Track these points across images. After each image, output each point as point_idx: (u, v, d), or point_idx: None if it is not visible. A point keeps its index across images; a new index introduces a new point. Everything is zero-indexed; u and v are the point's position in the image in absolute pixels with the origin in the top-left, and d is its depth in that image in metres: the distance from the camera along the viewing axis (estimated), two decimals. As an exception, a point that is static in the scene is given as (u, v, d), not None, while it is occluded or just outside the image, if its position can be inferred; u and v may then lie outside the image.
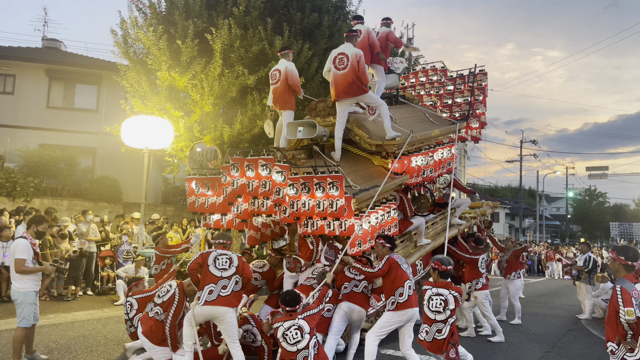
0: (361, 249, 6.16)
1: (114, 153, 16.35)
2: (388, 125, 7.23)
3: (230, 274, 5.23)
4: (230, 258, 5.32)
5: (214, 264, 5.24)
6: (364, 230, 6.22)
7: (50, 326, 7.55)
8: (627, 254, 4.28)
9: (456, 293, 5.06)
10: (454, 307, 5.01)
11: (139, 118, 11.04)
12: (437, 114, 9.55)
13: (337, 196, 5.63)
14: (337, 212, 5.64)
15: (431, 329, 5.02)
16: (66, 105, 18.69)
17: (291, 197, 5.91)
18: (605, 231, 54.44)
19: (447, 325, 4.97)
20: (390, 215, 6.84)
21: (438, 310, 4.98)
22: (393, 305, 5.36)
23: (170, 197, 21.70)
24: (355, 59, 7.02)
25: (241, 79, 11.94)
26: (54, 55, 19.72)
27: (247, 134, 12.35)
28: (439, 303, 5.00)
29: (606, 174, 34.35)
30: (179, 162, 13.91)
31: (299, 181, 5.86)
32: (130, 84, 12.86)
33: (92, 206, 15.63)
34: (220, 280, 5.17)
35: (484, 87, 10.33)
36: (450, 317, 4.98)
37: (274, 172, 6.06)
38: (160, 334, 5.31)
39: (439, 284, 5.14)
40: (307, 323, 4.76)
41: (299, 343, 4.66)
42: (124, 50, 12.93)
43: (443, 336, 4.95)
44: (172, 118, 12.03)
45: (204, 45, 12.08)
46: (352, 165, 7.26)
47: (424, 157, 7.82)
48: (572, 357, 7.12)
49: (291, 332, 4.68)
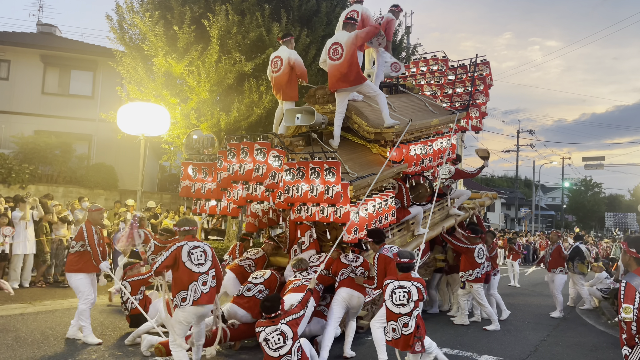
0: (357, 236, 6.16)
1: (109, 140, 16.25)
2: (386, 114, 7.18)
3: (207, 268, 4.95)
4: (204, 250, 5.00)
5: (189, 259, 4.87)
6: (361, 217, 6.22)
7: (47, 313, 7.54)
8: (639, 246, 3.89)
9: (418, 284, 4.93)
10: (418, 299, 4.88)
11: (135, 104, 10.95)
12: (436, 104, 9.48)
13: (334, 182, 5.62)
14: (333, 198, 5.62)
15: (397, 325, 4.86)
16: (61, 92, 18.53)
17: (286, 183, 5.89)
18: (600, 221, 54.74)
19: (412, 318, 4.83)
20: (387, 203, 6.83)
21: (402, 303, 4.85)
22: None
23: (167, 184, 21.64)
24: (350, 45, 6.87)
25: (238, 66, 11.85)
26: (49, 40, 19.50)
27: (244, 121, 12.29)
28: (402, 296, 4.86)
29: (602, 164, 34.45)
30: (176, 150, 13.86)
31: (295, 166, 5.84)
32: (126, 70, 12.75)
33: (88, 193, 15.59)
34: (199, 276, 4.87)
35: (485, 76, 10.19)
36: (415, 309, 4.85)
37: (271, 157, 6.06)
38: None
39: (401, 277, 4.99)
40: (290, 328, 4.68)
41: (282, 349, 4.59)
42: (120, 35, 12.81)
43: (410, 330, 4.81)
44: (168, 105, 11.94)
45: (200, 32, 11.98)
46: (349, 153, 7.24)
47: (423, 146, 7.79)
48: (567, 345, 7.17)
49: (273, 338, 4.61)
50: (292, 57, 7.30)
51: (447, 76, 10.47)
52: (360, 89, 7.24)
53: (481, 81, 10.17)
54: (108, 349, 5.83)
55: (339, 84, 7.04)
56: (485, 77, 10.20)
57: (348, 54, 6.86)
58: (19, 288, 9.14)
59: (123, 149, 16.72)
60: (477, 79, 10.07)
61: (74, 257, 6.16)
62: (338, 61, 6.95)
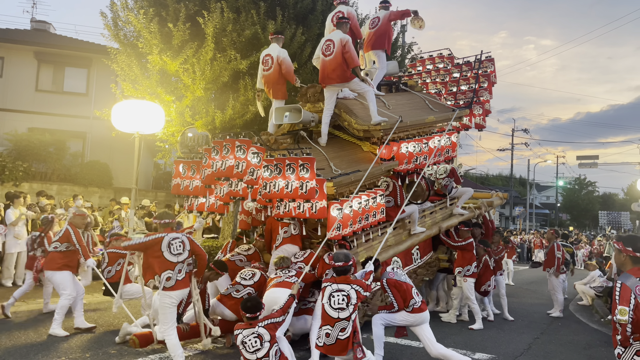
0: (340, 233, 6.20)
1: (104, 137, 16.17)
2: (374, 111, 7.19)
3: (185, 257, 5.23)
4: (183, 241, 5.26)
5: (168, 249, 5.12)
6: (345, 214, 6.24)
7: (40, 311, 7.52)
8: (635, 245, 3.82)
9: (358, 287, 4.77)
10: (357, 302, 4.73)
11: (130, 102, 10.89)
12: (437, 102, 9.35)
13: (308, 178, 5.72)
14: (307, 193, 5.72)
15: (334, 330, 4.64)
16: (55, 89, 18.43)
17: (264, 179, 6.01)
18: (593, 220, 55.01)
19: (350, 323, 4.64)
20: (376, 201, 6.83)
21: (341, 307, 4.66)
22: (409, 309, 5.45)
23: (162, 182, 21.57)
24: (341, 45, 6.99)
25: (233, 64, 11.81)
26: (43, 37, 19.39)
27: (239, 119, 12.25)
28: (341, 299, 4.68)
29: (596, 163, 34.54)
30: (171, 147, 13.82)
31: (273, 163, 5.96)
32: (120, 68, 12.69)
33: (82, 191, 15.51)
34: (176, 265, 5.13)
35: (490, 73, 10.04)
36: (353, 312, 4.68)
37: (250, 154, 6.18)
38: None
39: (339, 280, 4.82)
40: (268, 331, 4.65)
41: (259, 352, 4.57)
42: (114, 33, 12.73)
43: (346, 335, 4.62)
44: (163, 102, 11.90)
45: (195, 29, 11.93)
46: (338, 151, 7.26)
47: (416, 144, 7.75)
48: (561, 343, 7.21)
49: (250, 341, 4.60)
50: (281, 56, 7.46)
51: (452, 74, 10.32)
52: (349, 86, 7.27)
53: (485, 78, 10.04)
54: (102, 347, 5.82)
55: (327, 79, 7.15)
56: (489, 74, 10.08)
57: (339, 52, 6.99)
58: (12, 286, 9.10)
59: (117, 147, 16.66)
60: (481, 76, 9.93)
61: (57, 255, 6.48)
62: (329, 57, 7.08)
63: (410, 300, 5.39)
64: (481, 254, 8.31)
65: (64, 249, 6.51)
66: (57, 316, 6.27)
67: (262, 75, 7.78)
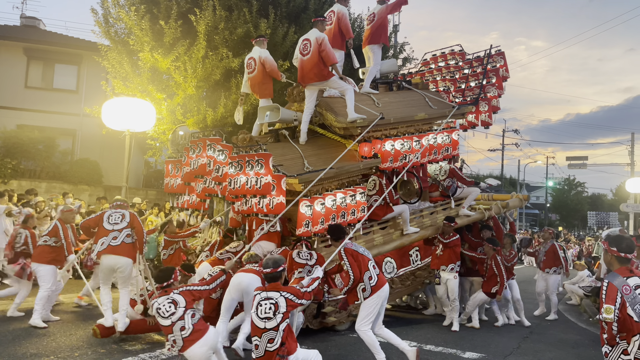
0: (309, 230, 6.22)
1: (94, 135, 16.07)
2: (351, 108, 7.15)
3: (122, 227, 5.95)
4: (123, 214, 6.05)
5: (107, 220, 6.01)
6: (315, 211, 6.28)
7: (28, 309, 7.43)
8: (620, 245, 3.85)
9: (288, 294, 4.40)
10: (286, 311, 4.35)
11: (121, 99, 10.82)
12: (439, 99, 9.00)
13: (263, 173, 5.83)
14: (261, 189, 5.84)
15: (262, 341, 4.29)
16: (45, 86, 18.26)
17: (229, 175, 6.15)
18: (583, 220, 55.47)
19: (279, 333, 4.28)
20: (355, 199, 6.80)
21: (268, 316, 4.29)
22: (367, 292, 5.33)
23: (152, 180, 21.46)
24: (317, 43, 7.01)
25: (225, 62, 11.78)
26: (33, 33, 19.19)
27: (231, 117, 12.20)
28: (268, 308, 4.31)
29: (585, 164, 34.73)
30: (161, 146, 13.75)
31: (236, 160, 6.11)
32: (111, 65, 12.61)
33: (71, 189, 15.38)
34: (111, 232, 5.90)
35: (499, 68, 9.66)
36: (282, 322, 4.31)
37: (216, 151, 6.36)
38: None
39: (268, 287, 4.50)
40: (183, 297, 4.66)
41: (173, 315, 4.55)
42: (105, 29, 12.66)
43: (275, 346, 4.25)
44: (154, 100, 11.84)
45: (187, 27, 11.88)
46: (318, 149, 7.25)
47: (405, 142, 7.56)
48: (549, 342, 7.26)
49: (164, 306, 4.59)
50: (262, 55, 7.53)
51: (463, 70, 9.94)
52: (327, 84, 7.27)
53: (493, 73, 9.65)
54: (91, 346, 5.77)
55: (306, 78, 7.17)
56: (498, 69, 9.67)
57: (315, 51, 7.01)
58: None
59: (108, 145, 16.55)
60: (489, 71, 9.55)
61: (46, 249, 6.73)
62: (307, 56, 7.12)
63: (366, 272, 5.33)
64: (490, 253, 7.89)
65: (52, 244, 6.73)
66: (36, 307, 6.49)
67: (247, 79, 7.89)
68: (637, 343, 3.59)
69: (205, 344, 4.51)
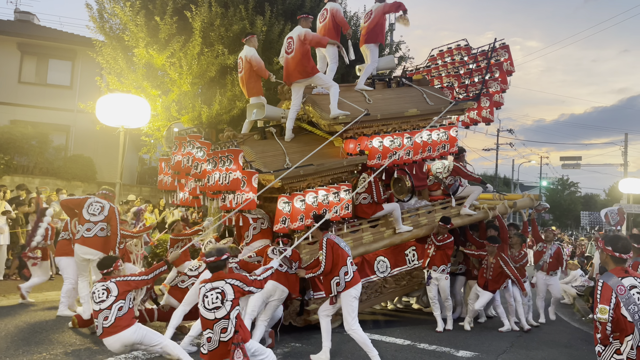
0: (286, 227, 6.25)
1: (88, 131, 15.97)
2: (334, 105, 7.11)
3: (98, 219, 6.11)
4: (103, 206, 6.17)
5: (87, 208, 6.16)
6: (295, 208, 6.30)
7: (21, 306, 7.40)
8: (615, 245, 3.85)
9: (233, 281, 4.31)
10: (234, 298, 4.26)
11: (115, 96, 10.76)
12: (438, 95, 8.72)
13: (232, 169, 5.90)
14: (230, 185, 5.89)
15: (214, 332, 4.20)
16: (39, 81, 18.16)
17: (206, 172, 6.26)
18: (575, 220, 55.79)
19: (231, 321, 4.19)
20: (338, 196, 6.76)
21: (216, 305, 4.20)
22: (340, 287, 5.43)
23: (146, 177, 21.39)
24: (299, 40, 6.99)
25: (221, 59, 11.73)
26: (27, 28, 19.07)
27: (226, 115, 12.18)
28: (215, 298, 4.22)
29: (579, 164, 34.95)
30: (156, 142, 13.68)
31: (211, 156, 6.21)
32: (106, 61, 12.54)
33: (65, 185, 15.32)
34: (86, 223, 6.09)
35: (503, 62, 9.29)
36: (233, 309, 4.23)
37: (194, 148, 6.45)
38: None
39: (212, 278, 4.41)
40: (117, 286, 4.90)
41: (102, 303, 4.82)
42: (100, 25, 12.57)
43: (229, 335, 4.17)
44: (149, 97, 11.78)
45: (183, 23, 11.82)
46: (303, 146, 7.20)
47: (394, 138, 7.42)
48: (542, 341, 7.29)
49: (98, 292, 4.88)
50: (249, 55, 7.52)
51: (468, 65, 9.60)
52: (312, 81, 7.24)
53: (497, 67, 9.29)
54: (84, 343, 5.75)
55: (291, 76, 7.15)
56: (502, 62, 9.31)
57: (299, 47, 7.00)
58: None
59: (102, 141, 16.46)
60: (492, 65, 9.26)
61: (63, 243, 7.09)
62: (291, 54, 7.11)
63: (342, 267, 5.41)
64: (493, 252, 7.71)
65: (67, 237, 7.11)
66: (62, 299, 6.90)
67: (239, 78, 7.91)
68: (630, 343, 3.61)
69: (118, 340, 4.82)
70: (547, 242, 8.98)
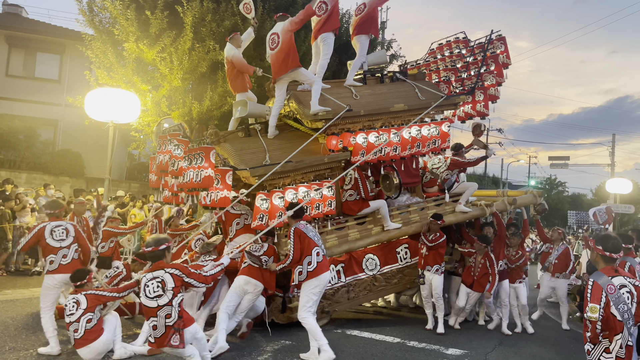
0: (263, 224, 6.27)
1: (76, 126, 15.81)
2: (315, 101, 7.06)
3: (69, 243, 5.70)
4: (66, 228, 5.76)
5: (51, 236, 5.63)
6: (273, 205, 6.31)
7: (7, 302, 7.32)
8: (605, 244, 3.87)
9: (173, 270, 4.44)
10: (175, 286, 4.38)
11: (104, 90, 10.63)
12: (431, 90, 8.45)
13: (203, 167, 5.95)
14: (201, 182, 5.96)
15: (159, 319, 4.33)
16: (26, 74, 17.95)
17: (183, 170, 6.30)
18: (563, 219, 56.32)
19: (174, 308, 4.33)
20: (321, 193, 6.72)
21: (158, 294, 4.34)
22: (302, 276, 5.44)
23: (135, 173, 21.24)
24: (284, 32, 6.96)
25: (212, 54, 11.67)
26: (15, 21, 18.83)
27: (217, 110, 12.12)
28: (156, 287, 4.36)
29: (567, 164, 35.19)
30: (145, 138, 13.58)
31: (187, 154, 6.25)
32: (95, 55, 12.41)
33: (52, 180, 15.15)
34: (59, 250, 5.61)
35: (498, 54, 9.03)
36: (175, 297, 4.36)
37: (172, 146, 6.50)
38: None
39: (152, 268, 4.53)
40: (87, 300, 4.98)
41: (72, 315, 4.95)
42: (89, 18, 12.44)
43: (174, 319, 4.33)
44: (139, 92, 11.68)
45: (174, 18, 11.73)
46: (286, 143, 7.16)
47: (380, 134, 7.27)
48: (531, 339, 7.34)
49: (70, 304, 5.00)
50: (230, 54, 7.54)
51: (465, 58, 9.34)
52: (296, 75, 7.17)
53: (492, 60, 9.03)
54: (71, 340, 5.68)
55: (279, 71, 7.11)
56: (498, 55, 9.07)
57: (284, 42, 6.97)
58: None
59: (90, 136, 16.30)
60: (488, 58, 8.98)
61: None
62: (275, 50, 7.07)
63: (307, 256, 5.43)
64: (481, 250, 7.48)
65: None
66: None
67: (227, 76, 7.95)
68: (619, 342, 3.63)
69: (90, 352, 4.96)
70: (554, 243, 8.58)
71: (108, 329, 5.13)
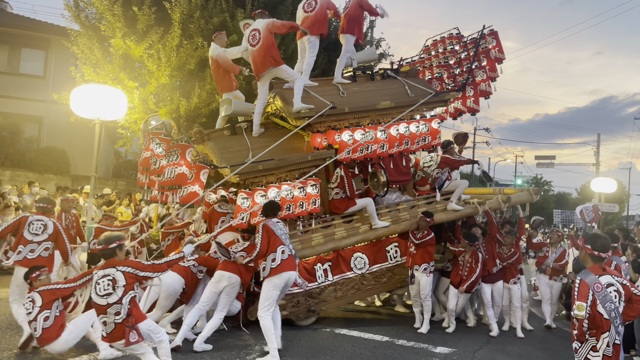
0: (244, 222, 6.31)
1: (62, 122, 15.58)
2: (297, 99, 7.02)
3: (41, 239, 5.76)
4: (46, 224, 5.80)
5: (28, 228, 5.74)
6: (255, 203, 6.34)
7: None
8: (594, 244, 3.89)
9: (125, 267, 4.40)
10: (127, 284, 4.35)
11: (90, 87, 10.50)
12: (421, 87, 8.30)
13: (177, 164, 6.09)
14: (175, 179, 6.10)
15: (109, 317, 4.34)
16: (10, 70, 17.66)
17: (164, 168, 6.38)
18: (548, 218, 56.93)
19: (123, 306, 4.32)
20: (304, 191, 6.72)
21: (108, 292, 4.31)
22: (265, 272, 5.47)
23: (122, 171, 21.04)
24: (267, 29, 6.94)
25: (200, 51, 11.59)
26: (-2, 15, 18.51)
27: (205, 108, 12.04)
28: (106, 284, 4.33)
29: (553, 163, 35.51)
30: (132, 135, 13.45)
31: (167, 152, 6.36)
32: (81, 51, 12.26)
33: (37, 177, 14.95)
34: (29, 244, 5.70)
35: (490, 49, 8.93)
36: (125, 295, 4.34)
37: (155, 144, 6.59)
38: None
39: (104, 265, 4.48)
40: (41, 297, 4.97)
41: (30, 315, 4.95)
42: (75, 14, 12.29)
43: (123, 317, 4.33)
44: (126, 88, 11.56)
45: (162, 14, 11.63)
46: (270, 141, 7.05)
47: (366, 132, 7.21)
48: (517, 338, 7.37)
49: (27, 304, 5.01)
50: (214, 54, 7.56)
51: (458, 54, 9.27)
52: (278, 72, 7.16)
53: (484, 55, 8.94)
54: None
55: (260, 68, 7.09)
56: (489, 50, 8.97)
57: (265, 38, 6.96)
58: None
59: (76, 133, 16.05)
60: (479, 53, 8.87)
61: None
62: (257, 46, 7.04)
63: (272, 253, 5.45)
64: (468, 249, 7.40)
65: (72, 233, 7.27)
66: None
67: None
68: (606, 340, 3.66)
69: (54, 349, 4.97)
70: (552, 245, 8.39)
71: (74, 327, 5.06)
